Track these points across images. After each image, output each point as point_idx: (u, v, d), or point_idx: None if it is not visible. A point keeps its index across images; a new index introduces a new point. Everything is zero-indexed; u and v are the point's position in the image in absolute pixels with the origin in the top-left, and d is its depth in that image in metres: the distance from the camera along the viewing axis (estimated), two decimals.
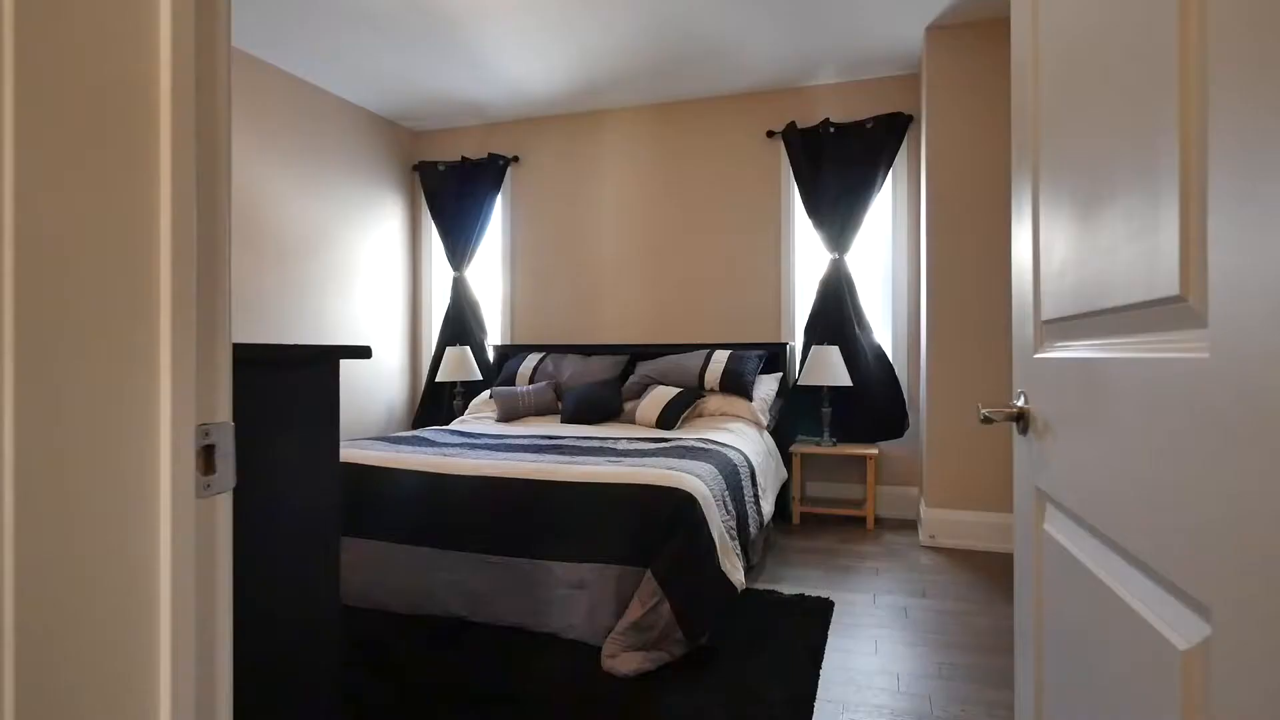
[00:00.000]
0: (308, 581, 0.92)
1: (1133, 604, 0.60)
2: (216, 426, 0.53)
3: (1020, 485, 0.97)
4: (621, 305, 4.67)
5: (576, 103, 4.58)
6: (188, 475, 0.50)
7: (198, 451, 0.51)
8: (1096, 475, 0.68)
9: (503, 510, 2.43)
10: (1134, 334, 0.60)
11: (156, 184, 0.49)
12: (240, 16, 3.41)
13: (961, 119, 3.50)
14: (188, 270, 0.51)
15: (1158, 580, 0.54)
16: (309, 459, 0.90)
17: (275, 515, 0.85)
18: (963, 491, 3.48)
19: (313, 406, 0.90)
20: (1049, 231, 0.84)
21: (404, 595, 2.50)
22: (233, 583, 0.55)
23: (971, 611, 2.62)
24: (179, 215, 0.50)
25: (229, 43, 0.56)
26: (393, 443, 3.11)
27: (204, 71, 0.52)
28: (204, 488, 0.52)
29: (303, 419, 0.89)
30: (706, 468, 2.60)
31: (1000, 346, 3.43)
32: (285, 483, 0.86)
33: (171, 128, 0.49)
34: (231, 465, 0.54)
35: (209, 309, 0.53)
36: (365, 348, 0.96)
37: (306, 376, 0.88)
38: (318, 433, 0.91)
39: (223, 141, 0.54)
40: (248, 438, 0.77)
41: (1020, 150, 0.96)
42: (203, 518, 0.51)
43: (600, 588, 2.26)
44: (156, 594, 0.48)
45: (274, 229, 3.98)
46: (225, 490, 0.54)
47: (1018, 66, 0.98)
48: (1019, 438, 0.97)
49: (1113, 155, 0.63)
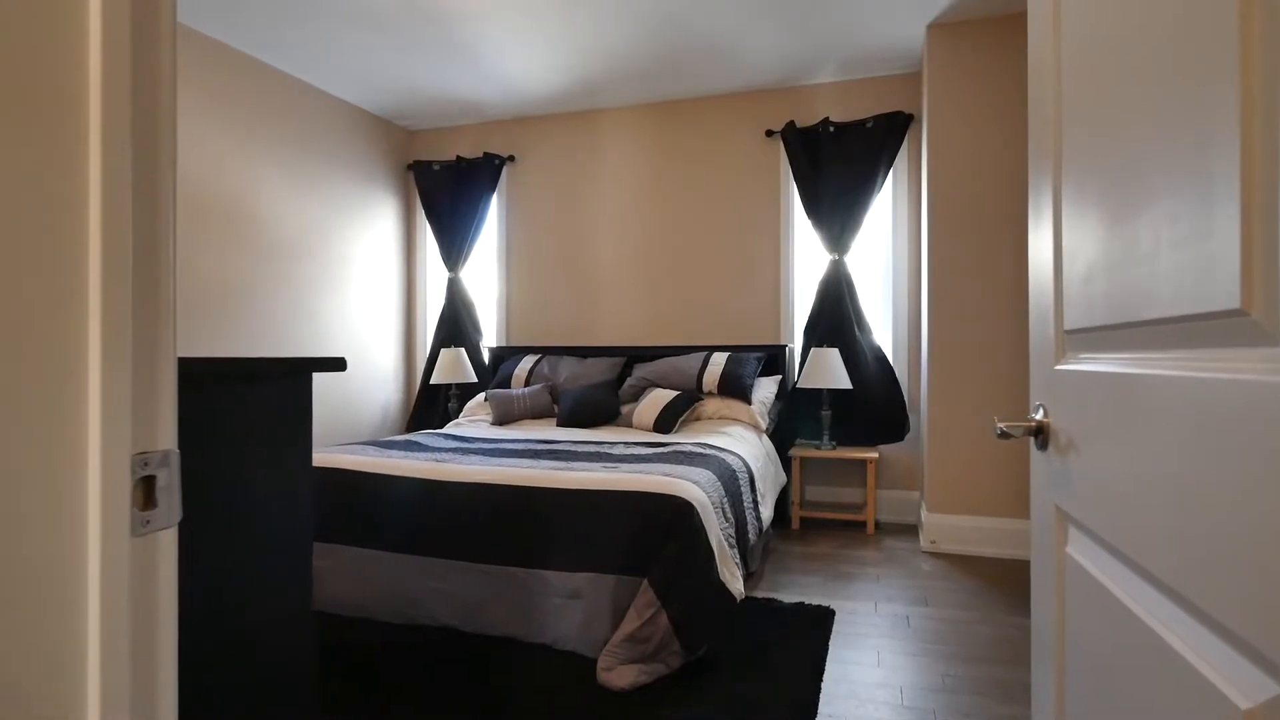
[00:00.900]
0: (280, 605, 0.86)
1: (1180, 650, 0.54)
2: (158, 455, 0.47)
3: (1039, 502, 0.92)
4: (618, 307, 4.61)
5: (573, 102, 4.52)
6: (121, 512, 0.44)
7: (135, 484, 0.45)
8: (1132, 503, 0.62)
9: (496, 518, 2.36)
10: (1180, 349, 0.55)
11: (85, 174, 0.43)
12: (232, 14, 3.35)
13: (963, 118, 3.45)
14: (121, 275, 0.44)
15: (1214, 628, 0.49)
16: (279, 478, 0.84)
17: (243, 540, 0.79)
18: (964, 496, 3.43)
19: (284, 423, 0.84)
20: (1073, 235, 0.78)
21: (394, 604, 2.44)
22: (203, 610, 0.49)
23: (975, 620, 2.57)
24: (111, 210, 0.44)
25: (174, 17, 0.50)
26: (384, 447, 3.05)
27: (142, 47, 0.45)
28: (141, 525, 0.46)
29: (272, 437, 0.83)
30: (705, 474, 2.54)
31: (1003, 349, 3.38)
32: (253, 505, 0.80)
33: (102, 110, 0.43)
34: (176, 498, 0.48)
35: (148, 320, 0.46)
36: (339, 360, 0.90)
37: (277, 391, 0.82)
38: (289, 451, 0.85)
39: (165, 127, 0.48)
40: (212, 459, 0.71)
41: (1039, 149, 0.91)
42: (140, 559, 0.45)
43: (595, 598, 2.20)
44: (84, 649, 0.42)
45: (267, 228, 3.92)
46: (168, 526, 0.48)
47: (1036, 62, 0.92)
48: (1037, 453, 0.91)
49: (1152, 153, 0.57)
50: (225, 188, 3.66)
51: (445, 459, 2.81)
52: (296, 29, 3.53)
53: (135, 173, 0.45)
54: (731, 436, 3.35)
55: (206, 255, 3.56)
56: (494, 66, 3.97)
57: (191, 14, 3.35)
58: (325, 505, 2.57)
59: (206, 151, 3.55)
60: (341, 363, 0.90)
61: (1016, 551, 3.31)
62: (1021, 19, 3.37)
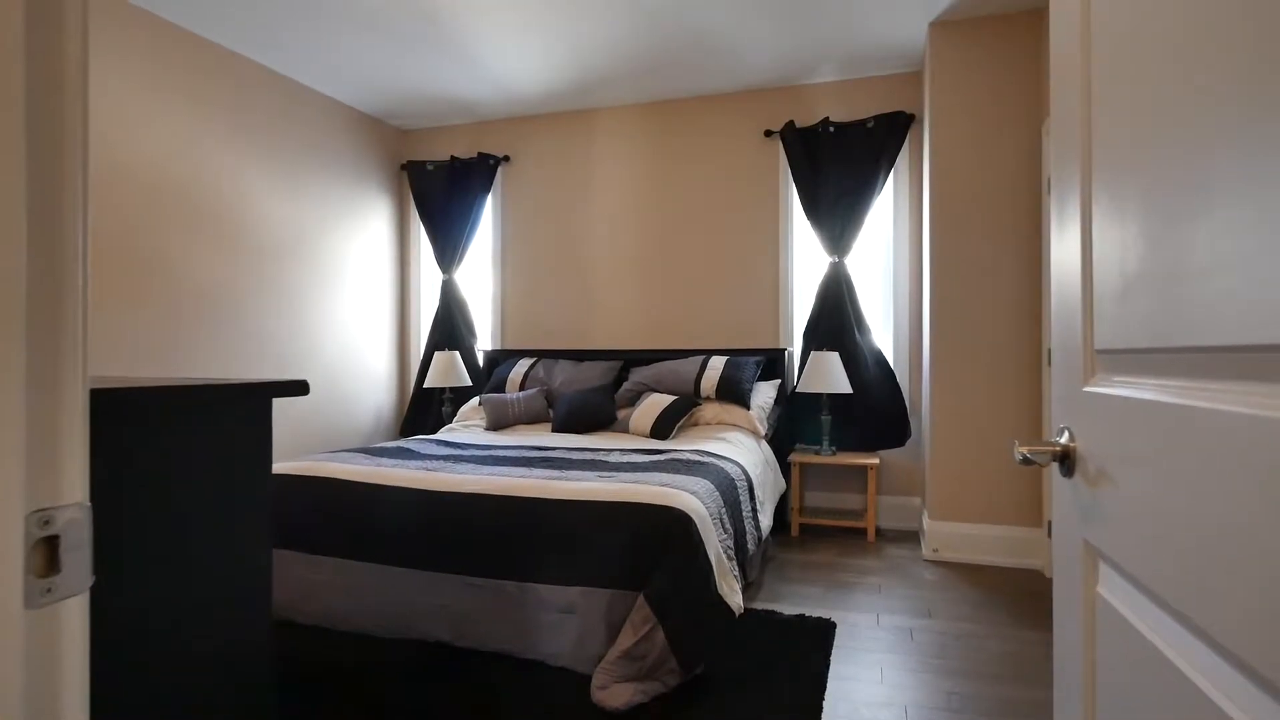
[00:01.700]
0: (235, 653, 0.79)
1: (1237, 718, 0.47)
2: (62, 511, 0.40)
3: (1064, 534, 0.85)
4: (615, 309, 4.54)
5: (569, 101, 4.45)
6: (11, 582, 0.37)
7: (31, 548, 0.38)
8: (1182, 548, 0.55)
9: (488, 529, 2.29)
10: (1243, 381, 0.48)
11: None
12: (220, 10, 3.27)
13: (967, 118, 3.39)
14: (11, 288, 0.37)
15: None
16: (235, 515, 0.77)
17: (189, 588, 0.71)
18: (966, 503, 3.36)
19: (239, 456, 0.76)
20: (1107, 245, 0.71)
21: (383, 618, 2.37)
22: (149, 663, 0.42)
23: (979, 634, 2.50)
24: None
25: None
26: (375, 455, 2.98)
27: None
28: (42, 593, 0.39)
29: (226, 473, 0.75)
30: (703, 484, 2.47)
31: (1007, 354, 3.31)
32: (202, 548, 0.73)
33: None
34: (86, 558, 0.41)
35: (47, 343, 0.39)
36: (300, 383, 0.82)
37: (232, 420, 0.74)
38: (246, 484, 0.77)
39: (72, 98, 0.40)
40: (158, 499, 0.64)
41: (1063, 149, 0.84)
42: (38, 635, 0.38)
43: (590, 612, 2.13)
44: None
45: (256, 231, 3.84)
46: (76, 593, 0.41)
47: (1060, 54, 0.86)
48: (1060, 480, 0.84)
49: (1215, 154, 0.50)
50: (212, 190, 3.58)
51: (437, 467, 2.74)
52: (286, 26, 3.45)
53: (29, 156, 0.38)
54: (730, 443, 3.28)
55: (192, 259, 3.48)
56: (488, 64, 3.90)
57: (174, 9, 3.27)
58: (315, 516, 2.50)
59: (192, 152, 3.48)
60: (303, 386, 0.83)
61: (1020, 560, 3.25)
62: (1028, 16, 3.30)
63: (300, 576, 2.45)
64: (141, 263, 3.23)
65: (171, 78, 3.36)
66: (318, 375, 4.25)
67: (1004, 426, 3.31)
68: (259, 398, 0.75)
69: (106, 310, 3.06)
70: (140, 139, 3.22)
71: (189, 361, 3.43)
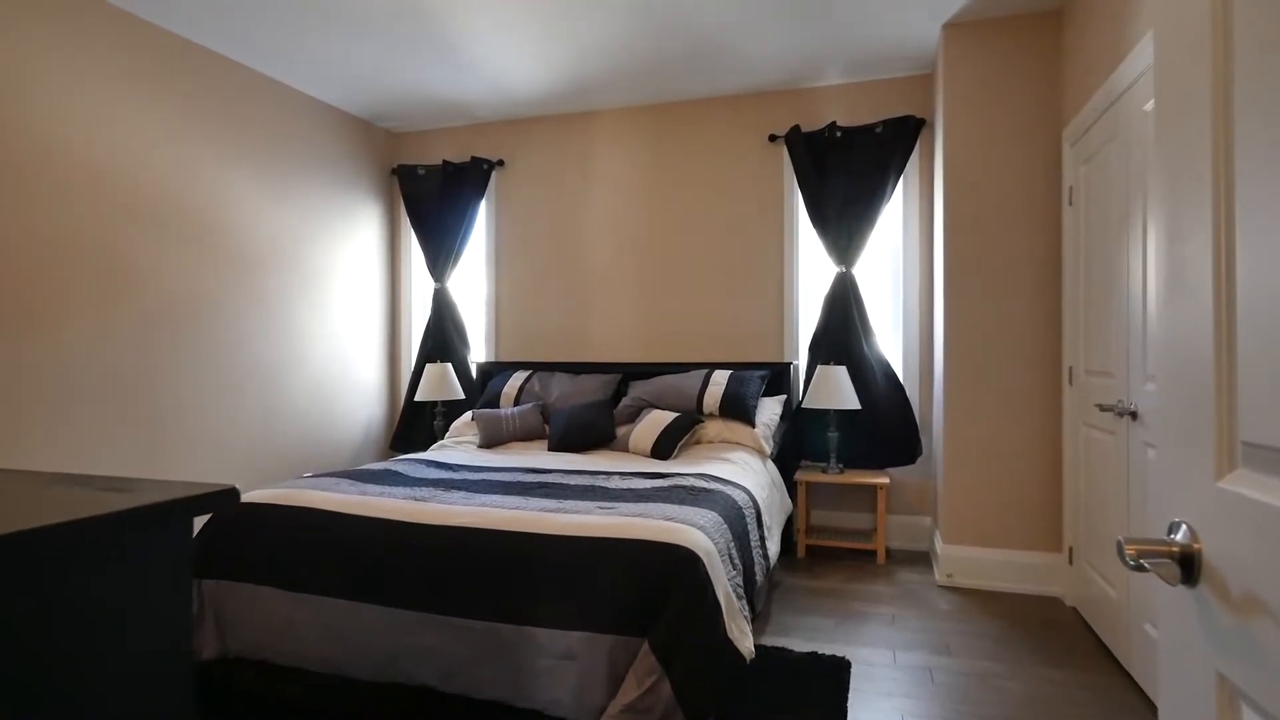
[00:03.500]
0: None
1: None
2: None
3: (1180, 656, 0.69)
4: (613, 321, 4.37)
5: (566, 103, 4.29)
6: None
7: None
8: None
9: (480, 567, 2.13)
10: None
11: None
12: (203, 9, 3.10)
13: (980, 123, 3.24)
14: None
15: None
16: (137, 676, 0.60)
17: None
18: (981, 527, 3.21)
19: (143, 600, 0.58)
20: (1267, 299, 0.56)
21: (366, 660, 2.20)
22: None
23: (1002, 674, 2.36)
24: None
25: None
26: (360, 480, 2.81)
27: None
28: None
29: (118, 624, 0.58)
30: (710, 516, 2.31)
31: (1024, 372, 3.16)
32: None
33: None
34: None
35: None
36: (228, 492, 0.65)
37: (136, 551, 0.57)
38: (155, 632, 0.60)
39: None
40: (32, 664, 0.48)
41: (1175, 155, 0.68)
42: None
43: (591, 659, 1.97)
44: None
45: (239, 237, 3.67)
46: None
47: (1169, 23, 0.70)
48: (1176, 589, 0.69)
49: None
50: (192, 194, 3.41)
51: (427, 496, 2.58)
52: (268, 24, 3.28)
53: None
54: (735, 464, 3.13)
55: (170, 268, 3.30)
56: (481, 65, 3.74)
57: (153, 8, 3.10)
58: (294, 550, 2.34)
59: (171, 155, 3.30)
60: (231, 496, 0.66)
61: (1039, 587, 3.10)
62: (1045, 18, 3.16)
63: (277, 614, 2.28)
64: (110, 271, 3.05)
65: (146, 77, 3.19)
66: (304, 388, 4.08)
67: (1020, 446, 3.17)
68: (173, 519, 0.57)
69: (79, 320, 2.88)
70: (114, 141, 3.04)
71: (164, 386, 3.26)
